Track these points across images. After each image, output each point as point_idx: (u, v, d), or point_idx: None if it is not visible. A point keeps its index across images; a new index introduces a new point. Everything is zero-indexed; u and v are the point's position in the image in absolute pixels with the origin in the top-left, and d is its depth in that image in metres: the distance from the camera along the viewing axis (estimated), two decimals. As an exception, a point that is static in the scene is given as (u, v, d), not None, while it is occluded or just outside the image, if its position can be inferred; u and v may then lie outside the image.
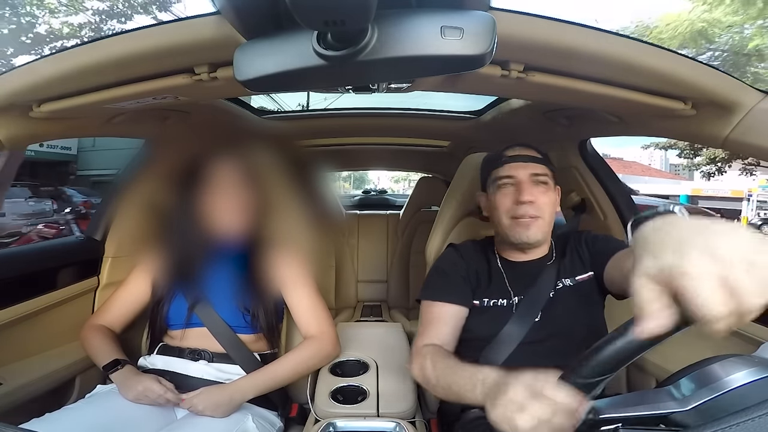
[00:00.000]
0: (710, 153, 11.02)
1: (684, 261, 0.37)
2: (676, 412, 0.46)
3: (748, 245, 0.36)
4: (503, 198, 0.97)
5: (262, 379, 1.04)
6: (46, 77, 0.75)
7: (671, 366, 0.97)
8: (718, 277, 0.36)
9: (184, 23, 0.64)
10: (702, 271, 0.36)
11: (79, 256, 1.29)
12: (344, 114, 1.72)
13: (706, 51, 8.21)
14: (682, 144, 11.25)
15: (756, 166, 11.03)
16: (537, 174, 0.96)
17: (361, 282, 2.64)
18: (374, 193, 5.78)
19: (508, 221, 0.97)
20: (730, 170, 12.54)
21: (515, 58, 0.71)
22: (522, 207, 0.94)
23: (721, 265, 0.36)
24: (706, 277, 0.36)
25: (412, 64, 0.48)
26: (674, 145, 11.39)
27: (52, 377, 1.11)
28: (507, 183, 0.97)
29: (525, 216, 0.94)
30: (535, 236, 0.96)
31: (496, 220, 1.00)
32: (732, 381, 0.45)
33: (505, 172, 0.97)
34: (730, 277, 0.35)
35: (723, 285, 0.36)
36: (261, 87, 0.51)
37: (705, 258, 0.36)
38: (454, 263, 1.05)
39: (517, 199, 0.94)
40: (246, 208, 1.07)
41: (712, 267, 0.36)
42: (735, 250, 0.36)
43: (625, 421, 0.48)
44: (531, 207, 0.94)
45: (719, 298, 0.35)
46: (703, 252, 0.37)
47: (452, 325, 0.97)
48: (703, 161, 12.51)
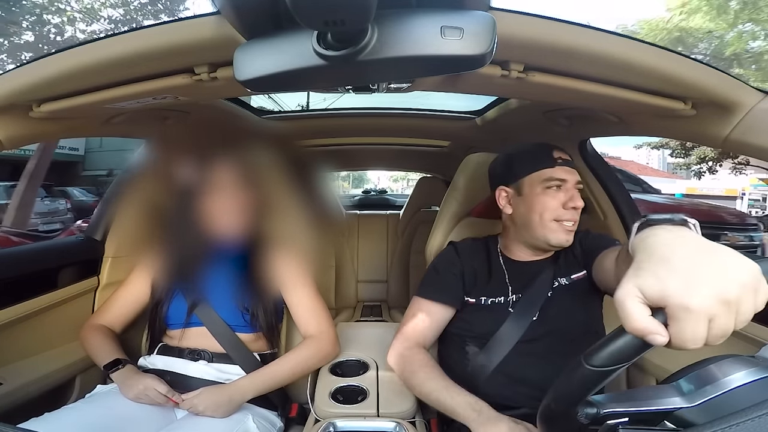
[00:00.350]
0: (700, 152, 11.06)
1: (690, 293, 0.38)
2: (681, 408, 0.46)
3: (750, 289, 0.38)
4: (550, 200, 0.96)
5: (261, 379, 1.04)
6: (46, 77, 0.75)
7: (671, 366, 0.97)
8: (709, 317, 0.38)
9: (184, 23, 0.64)
10: (704, 312, 0.37)
11: (79, 256, 1.29)
12: (344, 114, 1.71)
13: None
14: (674, 143, 11.30)
15: (746, 165, 11.08)
16: (579, 182, 0.98)
17: (361, 282, 2.64)
18: (374, 193, 5.79)
19: (551, 224, 0.96)
20: (721, 169, 12.56)
21: (515, 58, 0.71)
22: (570, 212, 0.95)
23: (719, 309, 0.37)
24: (703, 317, 0.38)
25: (412, 64, 0.48)
26: (666, 144, 11.42)
27: (52, 377, 1.11)
28: (557, 185, 0.96)
29: (572, 221, 0.96)
30: (571, 240, 0.97)
31: (532, 219, 0.98)
32: (735, 380, 0.45)
33: (558, 174, 0.96)
34: (718, 320, 0.38)
35: (708, 323, 0.38)
36: (261, 87, 0.51)
37: (711, 300, 0.38)
38: (450, 262, 1.07)
39: (568, 204, 0.95)
40: (245, 208, 1.07)
41: (713, 309, 0.37)
42: (737, 295, 0.38)
43: (630, 416, 0.47)
44: (576, 213, 0.96)
45: (701, 335, 0.38)
46: (710, 291, 0.38)
47: (436, 326, 1.04)
48: (693, 160, 12.54)
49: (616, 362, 0.43)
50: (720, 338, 0.38)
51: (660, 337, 0.38)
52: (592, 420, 0.48)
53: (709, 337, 0.38)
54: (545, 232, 0.96)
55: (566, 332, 0.95)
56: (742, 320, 0.38)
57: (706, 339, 0.38)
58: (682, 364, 0.51)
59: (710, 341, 0.38)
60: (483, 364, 0.96)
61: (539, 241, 0.99)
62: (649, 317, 0.39)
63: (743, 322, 0.38)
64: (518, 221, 1.02)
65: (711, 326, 0.37)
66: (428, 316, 1.03)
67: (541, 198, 0.96)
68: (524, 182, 0.99)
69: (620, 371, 0.44)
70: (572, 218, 0.96)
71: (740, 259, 0.40)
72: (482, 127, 1.65)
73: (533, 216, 0.97)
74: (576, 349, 0.52)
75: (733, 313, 0.38)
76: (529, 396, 0.91)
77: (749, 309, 0.38)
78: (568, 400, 0.48)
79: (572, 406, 0.47)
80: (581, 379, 0.45)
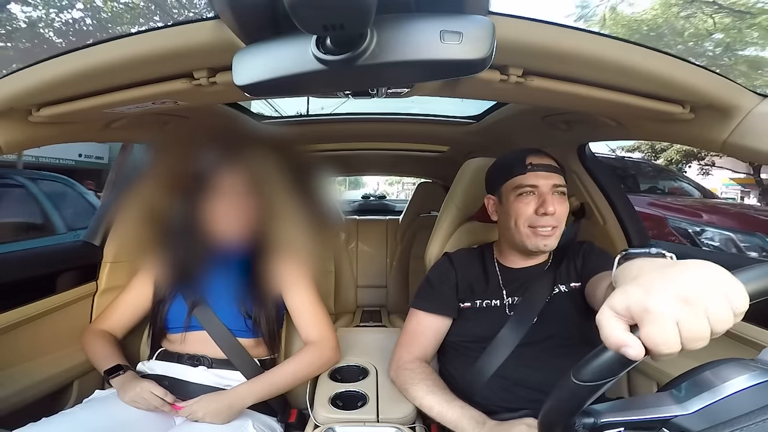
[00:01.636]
0: (667, 155, 11.19)
1: (647, 296, 0.39)
2: (678, 416, 0.45)
3: (714, 289, 0.38)
4: (524, 207, 0.96)
5: (262, 386, 1.03)
6: (45, 81, 0.75)
7: (672, 370, 0.97)
8: (674, 318, 0.38)
9: (184, 28, 0.64)
10: (664, 312, 0.38)
11: (77, 261, 1.29)
12: (344, 119, 1.72)
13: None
14: (645, 147, 11.46)
15: (711, 166, 11.22)
16: (558, 185, 0.97)
17: (361, 287, 2.63)
18: (374, 199, 5.77)
19: (526, 230, 0.97)
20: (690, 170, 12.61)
21: (514, 62, 0.71)
22: (544, 218, 0.95)
23: (680, 308, 0.38)
24: (666, 318, 0.38)
25: (412, 69, 0.48)
26: (638, 148, 11.53)
27: (49, 382, 1.11)
28: (529, 192, 0.97)
29: (546, 226, 0.95)
30: (552, 245, 0.97)
31: (510, 226, 0.99)
32: (733, 385, 0.44)
33: (528, 181, 0.96)
34: (685, 321, 0.37)
35: (677, 326, 0.37)
36: (260, 92, 0.51)
37: (668, 299, 0.38)
38: (445, 274, 1.08)
39: (539, 211, 0.95)
40: (245, 212, 1.07)
41: (673, 308, 0.38)
42: (697, 294, 0.38)
43: (627, 426, 0.47)
44: (552, 218, 0.95)
45: (672, 338, 0.37)
46: (667, 292, 0.39)
47: (435, 337, 1.05)
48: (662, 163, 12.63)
49: (603, 377, 0.43)
50: (696, 341, 0.37)
51: (630, 349, 0.39)
52: (589, 430, 0.48)
53: (684, 341, 0.37)
54: (522, 238, 0.98)
55: (565, 337, 0.96)
56: (718, 322, 0.37)
57: (680, 343, 0.37)
58: (683, 368, 0.51)
59: (686, 345, 0.37)
60: (483, 368, 0.96)
61: (520, 247, 1.00)
62: (623, 331, 0.40)
63: (721, 324, 0.37)
64: (502, 228, 1.05)
65: (681, 329, 0.37)
66: (426, 328, 1.04)
67: (514, 205, 0.98)
68: (502, 190, 1.02)
69: (610, 385, 0.44)
70: (547, 224, 0.95)
71: (705, 265, 0.40)
72: (481, 132, 1.65)
73: (510, 223, 0.99)
74: (575, 353, 0.52)
75: (701, 315, 0.37)
76: (528, 399, 0.91)
77: (721, 312, 0.37)
78: (563, 414, 0.48)
79: (568, 418, 0.48)
80: (572, 395, 0.46)
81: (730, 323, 0.38)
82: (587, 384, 0.44)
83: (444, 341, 1.06)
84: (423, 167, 2.76)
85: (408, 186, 20.30)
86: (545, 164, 0.98)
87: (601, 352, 0.44)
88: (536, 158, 0.98)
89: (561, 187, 0.98)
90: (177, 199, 1.07)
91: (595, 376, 0.44)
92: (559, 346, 0.95)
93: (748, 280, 0.39)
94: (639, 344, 0.39)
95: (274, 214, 1.06)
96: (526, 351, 0.95)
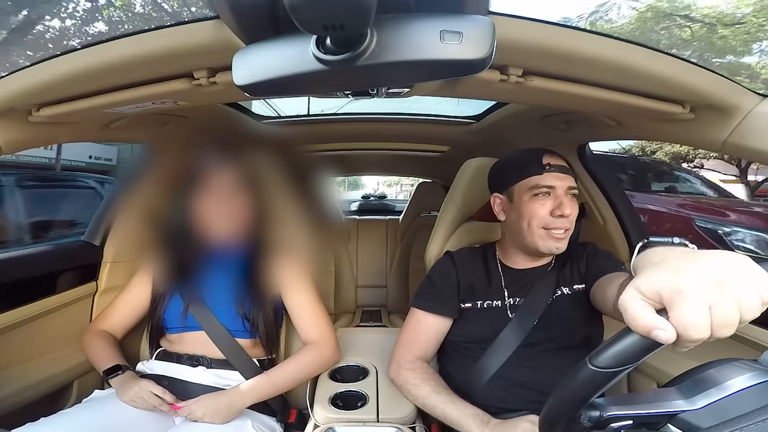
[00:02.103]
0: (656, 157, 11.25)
1: (679, 278, 0.38)
2: (685, 411, 0.45)
3: (745, 276, 0.38)
4: (539, 207, 0.95)
5: (261, 386, 1.03)
6: (45, 81, 0.75)
7: (672, 370, 0.97)
8: (706, 302, 0.37)
9: (183, 27, 0.64)
10: (697, 292, 0.37)
11: (77, 261, 1.29)
12: (344, 119, 1.72)
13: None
14: (636, 149, 11.52)
15: (700, 168, 11.33)
16: (572, 187, 0.96)
17: (361, 287, 2.63)
18: (374, 199, 5.78)
19: (539, 231, 0.95)
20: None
21: (514, 62, 0.71)
22: (559, 220, 0.94)
23: (714, 292, 0.37)
24: (699, 299, 0.37)
25: (412, 69, 0.48)
26: (628, 152, 11.58)
27: (49, 381, 1.11)
28: (545, 192, 0.95)
29: (561, 229, 0.94)
30: (563, 248, 0.96)
31: (522, 227, 0.97)
32: (736, 384, 0.44)
33: (546, 181, 0.95)
34: (717, 305, 0.36)
35: (708, 310, 0.37)
36: (260, 92, 0.50)
37: (702, 279, 0.37)
38: (446, 273, 1.06)
39: (555, 212, 0.93)
40: (245, 212, 1.07)
41: (707, 291, 0.37)
42: (730, 279, 0.37)
43: (633, 419, 0.47)
44: (566, 220, 0.94)
45: (703, 321, 0.36)
46: (700, 275, 0.38)
47: (435, 337, 1.04)
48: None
49: (621, 363, 0.42)
50: (725, 328, 0.36)
51: (663, 332, 0.37)
52: (595, 423, 0.47)
53: (714, 327, 0.36)
54: (534, 239, 0.96)
55: (566, 339, 0.95)
56: (747, 310, 0.36)
57: (710, 328, 0.36)
58: (683, 367, 0.51)
59: (716, 331, 0.36)
60: (483, 368, 0.96)
61: (530, 248, 0.98)
62: (653, 314, 0.39)
63: (750, 313, 0.37)
64: (511, 228, 1.02)
65: (713, 313, 0.36)
66: (427, 328, 1.04)
67: (529, 206, 0.96)
68: (514, 190, 0.99)
69: (625, 373, 0.43)
70: (561, 226, 0.94)
71: (733, 254, 0.40)
72: (481, 132, 1.65)
73: (522, 223, 0.97)
74: (576, 356, 0.52)
75: (734, 301, 0.36)
76: (529, 399, 0.91)
77: (752, 300, 0.37)
78: (572, 403, 0.47)
79: (576, 408, 0.47)
80: (586, 381, 0.45)
81: (758, 313, 0.37)
82: (604, 370, 0.43)
83: (444, 341, 1.05)
84: (423, 167, 2.76)
85: (407, 187, 20.28)
86: (561, 165, 0.97)
87: (622, 336, 0.43)
88: (552, 159, 0.97)
89: (574, 189, 0.96)
90: (174, 198, 1.07)
91: (614, 362, 0.43)
92: (561, 347, 0.95)
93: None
94: (671, 327, 0.37)
95: (272, 214, 1.06)
96: (527, 352, 0.94)
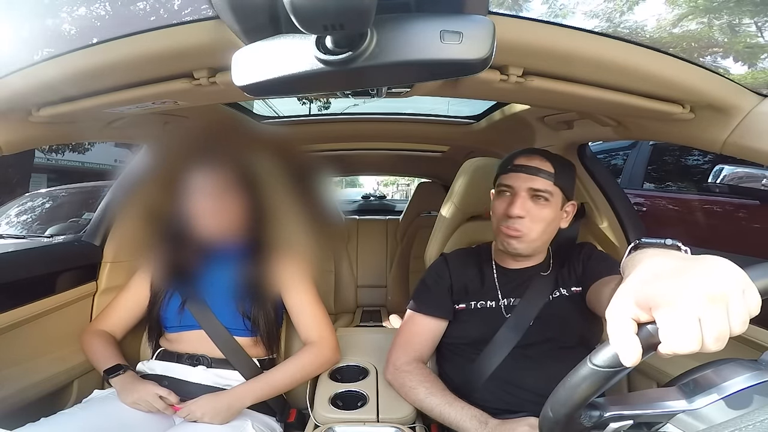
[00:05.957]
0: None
1: (667, 290, 0.38)
2: (685, 410, 0.45)
3: (733, 287, 0.37)
4: (498, 205, 0.98)
5: (261, 386, 1.04)
6: (45, 81, 0.75)
7: (672, 370, 0.97)
8: (696, 314, 0.37)
9: (183, 27, 0.64)
10: (691, 309, 0.37)
11: (77, 260, 1.29)
12: (344, 119, 1.72)
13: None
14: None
15: None
16: (537, 189, 0.93)
17: (361, 287, 2.63)
18: (374, 199, 5.78)
19: (497, 228, 0.98)
20: None
21: (514, 62, 0.71)
22: (510, 220, 0.94)
23: (705, 307, 0.37)
24: (691, 315, 0.37)
25: (412, 69, 0.48)
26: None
27: (49, 382, 1.11)
28: (505, 191, 0.97)
29: (510, 228, 0.94)
30: (516, 249, 0.96)
31: (492, 224, 1.01)
32: (735, 384, 0.44)
33: (506, 180, 0.97)
34: (707, 319, 0.36)
35: (698, 323, 0.37)
36: (260, 92, 0.50)
37: (696, 297, 0.37)
38: (439, 275, 1.07)
39: (507, 212, 0.94)
40: (243, 212, 1.07)
41: (698, 306, 0.37)
42: (722, 292, 0.37)
43: (633, 419, 0.47)
44: (519, 222, 0.93)
45: (695, 336, 0.36)
46: (691, 289, 0.37)
47: (431, 339, 1.04)
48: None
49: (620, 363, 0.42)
50: (717, 341, 0.36)
51: (626, 358, 0.39)
52: (595, 423, 0.47)
53: (705, 339, 0.36)
54: (497, 236, 1.00)
55: (564, 340, 0.95)
56: (737, 323, 0.36)
57: (701, 342, 0.36)
58: (683, 367, 0.51)
59: (707, 344, 0.36)
60: (480, 369, 0.96)
61: (499, 246, 1.01)
62: (632, 334, 0.39)
63: (741, 325, 0.37)
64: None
65: (703, 327, 0.36)
66: (422, 329, 1.04)
67: (494, 204, 1.00)
68: (494, 188, 1.03)
69: (625, 372, 0.43)
70: (512, 226, 0.94)
71: (724, 261, 0.40)
72: (481, 132, 1.65)
73: (492, 221, 1.01)
74: (574, 357, 0.51)
75: (724, 313, 0.36)
76: (526, 400, 0.91)
77: (740, 310, 0.37)
78: (572, 402, 0.47)
79: (576, 408, 0.47)
80: (586, 380, 0.44)
81: (747, 324, 0.37)
82: (604, 369, 0.43)
83: (441, 343, 1.05)
84: (423, 167, 2.77)
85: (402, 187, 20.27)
86: (530, 166, 0.95)
87: None
88: (524, 159, 0.97)
89: (541, 192, 0.93)
90: (176, 199, 1.07)
91: (615, 361, 0.42)
92: (558, 348, 0.94)
93: (757, 278, 0.39)
94: (637, 353, 0.38)
95: (272, 213, 1.06)
96: (524, 353, 0.94)
